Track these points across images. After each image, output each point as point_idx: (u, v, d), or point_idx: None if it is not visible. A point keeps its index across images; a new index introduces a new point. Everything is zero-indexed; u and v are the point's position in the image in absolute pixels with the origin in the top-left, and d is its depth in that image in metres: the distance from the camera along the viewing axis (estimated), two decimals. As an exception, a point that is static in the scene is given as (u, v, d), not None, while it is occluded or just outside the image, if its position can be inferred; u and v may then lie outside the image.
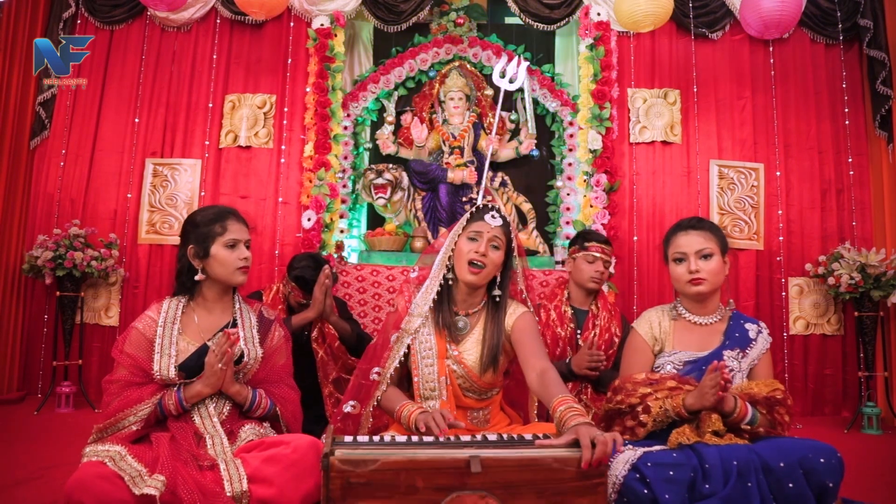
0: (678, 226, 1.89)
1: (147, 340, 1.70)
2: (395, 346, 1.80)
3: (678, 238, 1.85)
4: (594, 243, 2.64)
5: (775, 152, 4.07)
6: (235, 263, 1.76)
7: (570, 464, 1.29)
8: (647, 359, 1.85)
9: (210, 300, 1.80)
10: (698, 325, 1.85)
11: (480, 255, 1.74)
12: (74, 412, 3.44)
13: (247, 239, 1.81)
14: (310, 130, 3.89)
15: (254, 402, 1.72)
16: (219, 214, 1.79)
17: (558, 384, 1.58)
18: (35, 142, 3.94)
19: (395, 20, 4.01)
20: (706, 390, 1.56)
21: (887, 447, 3.14)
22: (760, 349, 1.81)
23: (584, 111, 3.91)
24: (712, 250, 1.80)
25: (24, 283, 3.83)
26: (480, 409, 1.82)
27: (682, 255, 1.83)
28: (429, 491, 1.27)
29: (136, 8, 4.01)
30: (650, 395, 1.68)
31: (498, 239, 1.77)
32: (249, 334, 1.79)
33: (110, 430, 1.60)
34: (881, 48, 3.92)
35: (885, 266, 3.57)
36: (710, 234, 1.82)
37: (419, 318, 1.79)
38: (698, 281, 1.79)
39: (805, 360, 3.92)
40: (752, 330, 1.84)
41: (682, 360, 1.80)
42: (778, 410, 1.66)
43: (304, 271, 2.49)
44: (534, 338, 1.76)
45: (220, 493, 1.43)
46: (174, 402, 1.64)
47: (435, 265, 1.84)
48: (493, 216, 1.79)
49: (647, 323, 1.90)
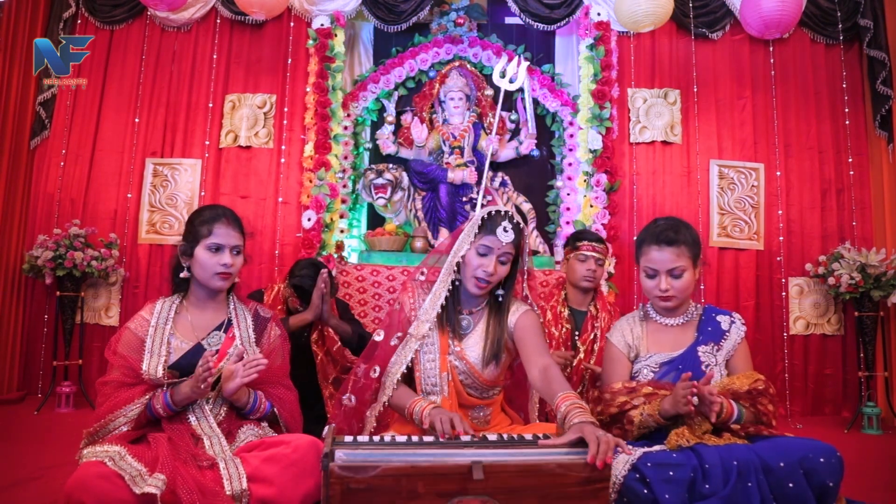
0: (653, 235, 1.81)
1: (139, 340, 1.69)
2: (402, 349, 1.79)
3: (651, 252, 1.80)
4: (585, 242, 2.63)
5: (775, 152, 4.07)
6: (214, 268, 1.73)
7: (573, 469, 1.28)
8: (624, 367, 1.85)
9: (201, 299, 1.79)
10: (670, 326, 1.86)
11: (488, 275, 1.74)
12: (74, 412, 3.44)
13: (234, 245, 1.76)
14: (310, 130, 3.89)
15: (254, 405, 1.72)
16: (211, 216, 1.77)
17: (561, 381, 1.58)
18: (35, 142, 3.94)
19: (395, 20, 4.00)
20: (679, 398, 1.57)
21: (887, 447, 3.14)
22: (735, 340, 1.81)
23: (584, 111, 3.91)
24: (684, 267, 1.78)
25: (24, 283, 3.83)
26: (482, 408, 1.82)
27: (653, 272, 1.81)
28: (430, 496, 1.26)
29: (136, 8, 4.01)
30: (628, 404, 1.70)
31: (508, 254, 1.76)
32: (245, 334, 1.78)
33: (101, 432, 1.60)
34: (881, 48, 3.92)
35: (886, 266, 3.57)
36: (684, 248, 1.78)
37: (428, 324, 1.78)
38: (667, 298, 1.80)
39: (805, 360, 3.92)
40: (725, 321, 1.84)
41: (657, 362, 1.81)
42: (761, 401, 1.66)
43: (303, 280, 2.48)
44: (536, 335, 1.76)
45: (220, 492, 1.43)
46: (161, 404, 1.63)
47: (443, 271, 1.83)
48: (504, 229, 1.74)
49: (619, 332, 1.90)
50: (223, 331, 1.78)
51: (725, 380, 1.73)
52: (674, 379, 1.73)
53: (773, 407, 1.68)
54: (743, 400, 1.66)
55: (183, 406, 1.65)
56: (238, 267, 1.79)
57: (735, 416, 1.62)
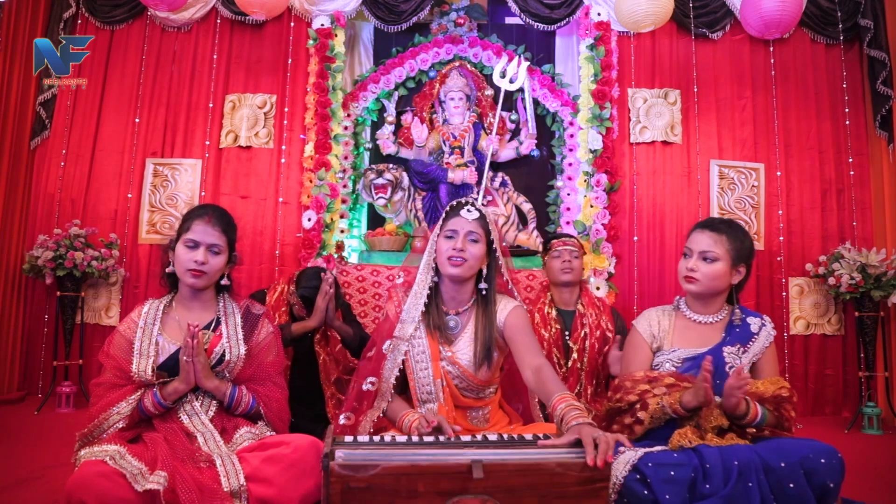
0: (702, 221, 1.89)
1: (127, 342, 1.70)
2: (391, 354, 1.78)
3: (693, 233, 1.86)
4: (555, 241, 2.74)
5: (776, 152, 4.06)
6: (186, 264, 1.72)
7: (573, 468, 1.28)
8: (645, 356, 1.85)
9: (186, 298, 1.79)
10: (699, 323, 1.85)
11: (458, 252, 1.73)
12: (75, 412, 3.44)
13: (212, 243, 1.74)
14: (310, 130, 3.89)
15: (233, 397, 1.70)
16: (195, 213, 1.78)
17: (555, 381, 1.57)
18: (35, 142, 3.94)
19: (396, 20, 4.00)
20: (701, 387, 1.56)
21: (888, 447, 3.13)
22: (763, 343, 1.79)
23: (584, 111, 3.91)
24: (717, 255, 1.79)
25: (24, 283, 3.83)
26: (479, 409, 1.82)
27: (688, 251, 1.84)
28: (430, 495, 1.26)
29: (136, 8, 4.01)
30: (648, 392, 1.68)
31: (475, 233, 1.75)
32: (233, 332, 1.77)
33: (95, 432, 1.60)
34: (881, 48, 3.92)
35: (886, 266, 3.57)
36: (724, 238, 1.80)
37: (412, 324, 1.78)
38: (691, 279, 1.81)
39: (805, 360, 3.92)
40: (755, 324, 1.83)
41: (681, 357, 1.80)
42: (785, 407, 1.66)
43: (309, 292, 2.48)
44: (527, 333, 1.75)
45: (218, 489, 1.43)
46: (151, 402, 1.64)
47: (420, 268, 1.83)
48: (468, 210, 1.77)
49: (646, 321, 1.90)
50: (212, 329, 1.78)
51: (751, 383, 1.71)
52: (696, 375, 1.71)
53: (795, 413, 1.68)
54: (767, 404, 1.65)
55: (174, 401, 1.66)
56: (215, 267, 1.75)
57: (758, 420, 1.62)
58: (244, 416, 1.73)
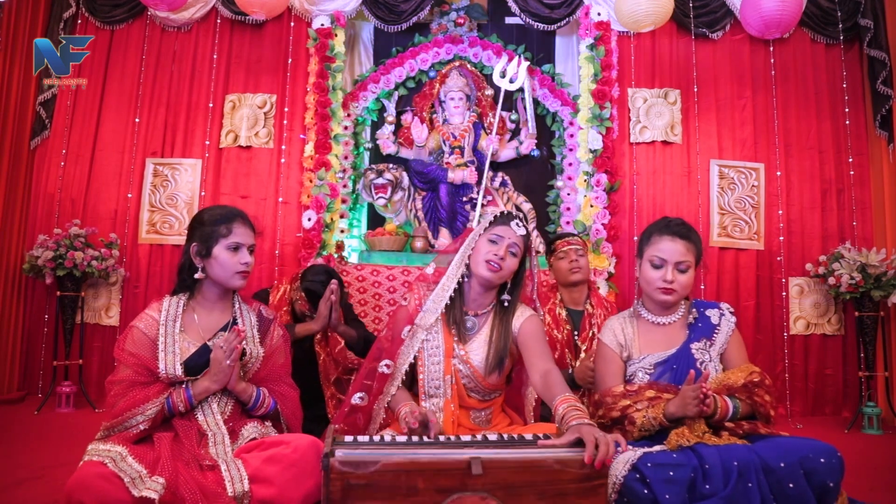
0: (666, 226, 1.82)
1: (150, 339, 1.69)
2: (409, 340, 1.81)
3: (663, 241, 1.80)
4: (558, 241, 2.73)
5: (776, 152, 4.06)
6: (235, 267, 1.76)
7: (572, 465, 1.29)
8: (617, 367, 1.84)
9: (210, 300, 1.80)
10: (662, 325, 1.85)
11: (499, 259, 1.76)
12: (75, 412, 3.44)
13: (251, 244, 1.80)
14: (310, 130, 3.89)
15: (258, 399, 1.73)
16: (226, 216, 1.78)
17: (561, 384, 1.61)
18: (35, 142, 3.94)
19: (396, 20, 4.01)
20: (688, 401, 1.57)
21: (888, 447, 3.13)
22: (726, 332, 1.80)
23: (584, 111, 3.92)
24: (690, 263, 1.79)
25: (24, 283, 3.83)
26: (483, 410, 1.84)
27: (661, 262, 1.79)
28: (430, 492, 1.26)
29: (136, 8, 4.01)
30: (631, 408, 1.69)
31: (517, 247, 1.80)
32: (250, 333, 1.80)
33: (118, 428, 1.59)
34: (881, 48, 3.92)
35: (886, 266, 3.57)
36: (693, 245, 1.80)
37: (434, 314, 1.80)
38: (669, 291, 1.78)
39: (805, 359, 3.92)
40: (714, 315, 1.83)
41: (651, 363, 1.80)
42: (757, 393, 1.66)
43: (315, 286, 2.49)
44: (539, 340, 1.79)
45: (222, 493, 1.43)
46: (183, 400, 1.64)
47: (453, 264, 1.85)
48: (517, 224, 1.81)
49: (610, 331, 1.89)
50: (228, 331, 1.78)
51: (721, 375, 1.73)
52: (669, 379, 1.73)
53: (771, 397, 1.68)
54: (739, 394, 1.66)
55: (200, 400, 1.66)
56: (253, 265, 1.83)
57: (730, 413, 1.62)
58: (262, 416, 1.75)
